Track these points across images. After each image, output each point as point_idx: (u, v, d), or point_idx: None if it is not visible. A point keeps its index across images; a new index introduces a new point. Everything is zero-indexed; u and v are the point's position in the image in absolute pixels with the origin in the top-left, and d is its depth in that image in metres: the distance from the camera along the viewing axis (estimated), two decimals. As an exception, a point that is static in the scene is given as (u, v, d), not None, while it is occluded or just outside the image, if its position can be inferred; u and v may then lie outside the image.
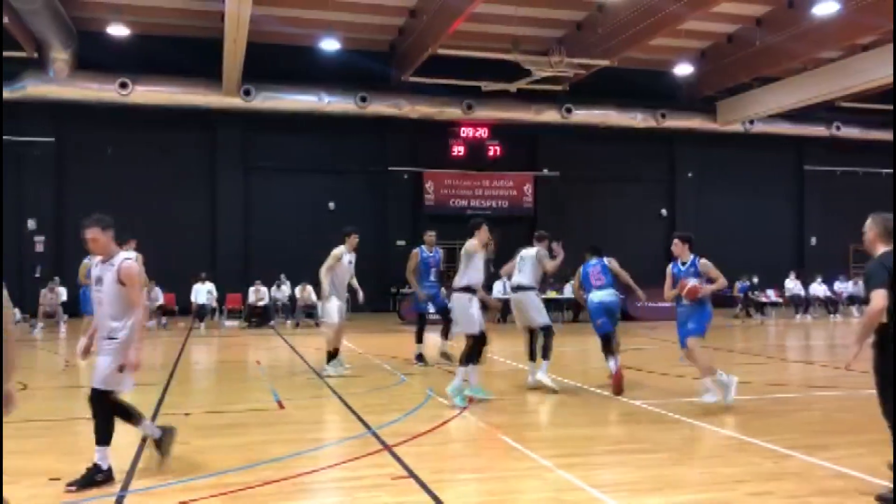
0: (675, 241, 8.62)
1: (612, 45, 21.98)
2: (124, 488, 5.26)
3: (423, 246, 11.95)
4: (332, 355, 10.83)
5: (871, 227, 5.10)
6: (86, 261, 14.25)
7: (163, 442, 5.75)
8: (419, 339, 11.96)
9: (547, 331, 9.47)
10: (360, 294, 11.37)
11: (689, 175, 29.25)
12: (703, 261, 8.40)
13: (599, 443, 6.60)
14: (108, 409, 5.56)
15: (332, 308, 10.67)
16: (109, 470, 5.44)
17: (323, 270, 10.61)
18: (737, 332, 19.28)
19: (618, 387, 9.08)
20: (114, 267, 5.55)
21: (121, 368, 5.52)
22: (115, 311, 5.53)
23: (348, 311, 11.07)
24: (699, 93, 27.32)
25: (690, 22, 21.35)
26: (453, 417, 7.67)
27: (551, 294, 21.99)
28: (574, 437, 6.84)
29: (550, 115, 26.24)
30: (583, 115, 26.48)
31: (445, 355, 11.46)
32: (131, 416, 5.71)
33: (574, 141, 27.54)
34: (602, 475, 5.55)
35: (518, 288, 9.59)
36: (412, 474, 5.56)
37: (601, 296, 9.69)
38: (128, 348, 5.51)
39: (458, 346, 10.72)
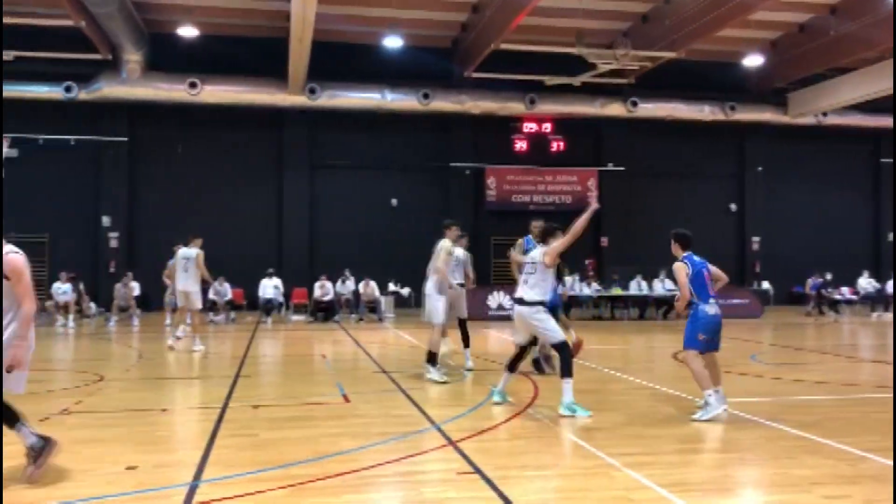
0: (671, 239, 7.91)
1: (679, 37, 21.56)
2: (196, 478, 5.38)
3: (529, 237, 10.49)
4: (433, 357, 10.07)
5: None
6: (170, 262, 15.36)
7: (39, 453, 5.24)
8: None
9: (463, 322, 10.90)
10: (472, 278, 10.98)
11: (759, 169, 28.53)
12: (675, 265, 7.63)
13: (668, 442, 6.47)
14: None
15: (440, 307, 10.14)
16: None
17: (440, 266, 10.06)
18: (809, 331, 18.73)
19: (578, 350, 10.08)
20: None
21: (9, 369, 5.05)
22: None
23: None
24: (770, 85, 26.59)
25: (761, 12, 20.80)
26: (518, 414, 7.63)
27: (616, 291, 21.76)
28: (642, 435, 6.72)
29: (615, 109, 25.91)
30: (649, 109, 26.06)
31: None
32: (10, 418, 5.22)
33: (640, 135, 27.15)
34: (671, 475, 5.44)
35: (459, 284, 10.87)
36: (478, 470, 5.55)
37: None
38: (16, 347, 5.09)
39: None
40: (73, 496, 4.96)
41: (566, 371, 7.48)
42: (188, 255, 13.65)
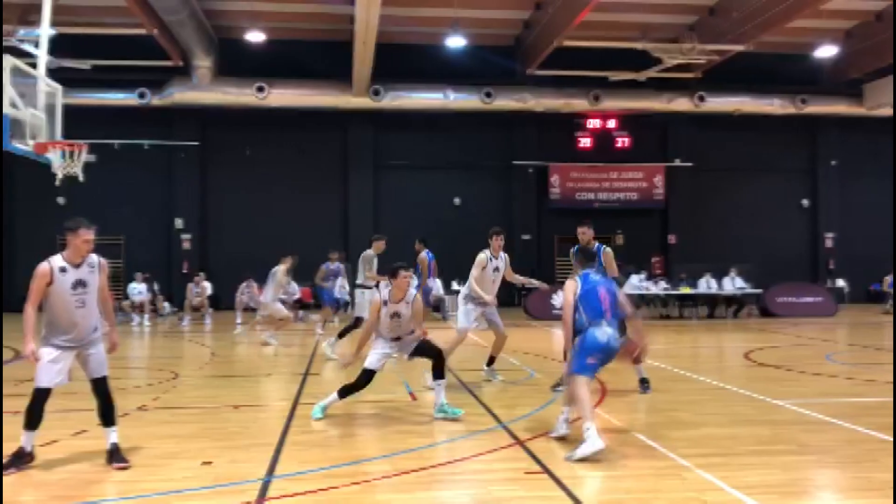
0: None
1: (748, 30, 21.04)
2: (270, 473, 5.49)
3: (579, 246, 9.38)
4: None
5: None
6: (324, 266, 16.55)
7: (19, 461, 5.65)
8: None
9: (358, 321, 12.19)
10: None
11: (833, 163, 27.64)
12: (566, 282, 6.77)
13: (742, 443, 6.33)
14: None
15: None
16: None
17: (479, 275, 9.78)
18: (887, 330, 18.05)
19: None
20: (95, 268, 5.78)
21: (112, 351, 6.08)
22: (98, 307, 5.88)
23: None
24: (844, 76, 25.75)
25: (834, 0, 20.12)
26: (586, 413, 7.56)
27: (684, 289, 21.36)
28: (714, 436, 6.59)
29: (682, 104, 25.43)
30: (717, 103, 25.51)
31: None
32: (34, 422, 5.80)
33: (708, 130, 26.63)
34: (745, 476, 5.32)
35: (361, 286, 12.46)
36: (546, 470, 5.53)
37: None
38: (115, 332, 6.19)
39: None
40: (153, 489, 5.12)
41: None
42: (273, 270, 15.08)
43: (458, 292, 23.01)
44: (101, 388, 5.82)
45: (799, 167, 27.85)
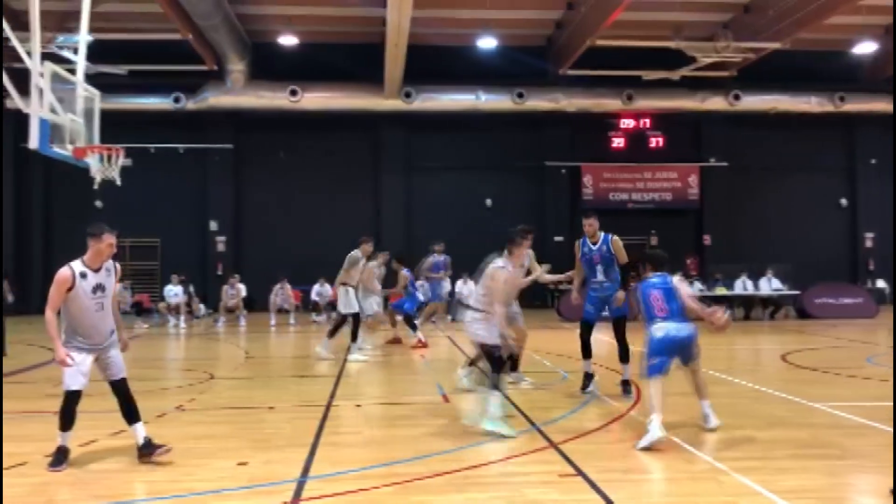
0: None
1: (784, 27, 20.76)
2: (304, 474, 5.52)
3: (586, 238, 9.33)
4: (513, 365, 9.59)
5: None
6: (430, 259, 16.26)
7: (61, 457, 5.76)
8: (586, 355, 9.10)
9: (355, 317, 12.59)
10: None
11: (873, 162, 27.13)
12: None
13: (779, 446, 6.22)
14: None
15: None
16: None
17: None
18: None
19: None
20: (111, 272, 5.89)
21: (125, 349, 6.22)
22: (113, 310, 5.99)
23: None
24: (882, 72, 25.27)
25: (873, -5, 19.79)
26: (620, 416, 7.52)
27: (720, 291, 21.10)
28: (751, 439, 6.49)
29: (717, 103, 25.17)
30: (752, 102, 25.21)
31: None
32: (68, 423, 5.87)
33: (743, 129, 26.33)
34: (784, 481, 5.23)
35: (345, 283, 12.72)
36: (580, 472, 5.48)
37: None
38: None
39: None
40: (189, 489, 5.18)
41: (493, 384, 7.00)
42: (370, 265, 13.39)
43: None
44: (121, 388, 5.90)
45: (837, 166, 27.42)
